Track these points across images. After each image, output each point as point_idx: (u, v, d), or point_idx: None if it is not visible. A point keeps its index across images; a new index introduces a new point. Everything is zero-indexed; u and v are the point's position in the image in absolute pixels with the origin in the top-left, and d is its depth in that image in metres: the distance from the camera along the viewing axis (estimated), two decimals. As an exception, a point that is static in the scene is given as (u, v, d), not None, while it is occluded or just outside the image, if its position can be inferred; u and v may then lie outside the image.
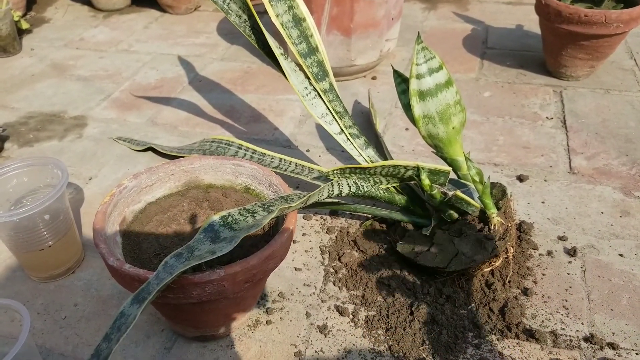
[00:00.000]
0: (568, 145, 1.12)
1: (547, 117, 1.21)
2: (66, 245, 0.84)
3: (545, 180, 1.02)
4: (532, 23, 1.65)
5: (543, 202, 0.96)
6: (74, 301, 0.82)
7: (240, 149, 1.01)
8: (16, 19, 1.67)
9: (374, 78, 1.42)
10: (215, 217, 0.61)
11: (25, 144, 1.21)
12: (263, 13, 1.36)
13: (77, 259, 0.88)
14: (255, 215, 0.62)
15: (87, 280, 0.86)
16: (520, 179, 1.02)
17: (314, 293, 0.82)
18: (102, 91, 1.42)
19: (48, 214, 0.78)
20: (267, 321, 0.77)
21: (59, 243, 0.82)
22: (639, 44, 1.49)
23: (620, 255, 0.85)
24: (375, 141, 1.15)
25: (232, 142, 1.03)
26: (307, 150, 1.15)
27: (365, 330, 0.75)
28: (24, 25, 1.73)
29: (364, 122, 1.23)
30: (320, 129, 1.22)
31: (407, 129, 1.20)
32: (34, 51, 1.67)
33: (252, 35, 0.81)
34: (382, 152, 1.08)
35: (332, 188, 0.70)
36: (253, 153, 1.00)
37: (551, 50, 1.32)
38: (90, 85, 1.45)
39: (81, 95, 1.41)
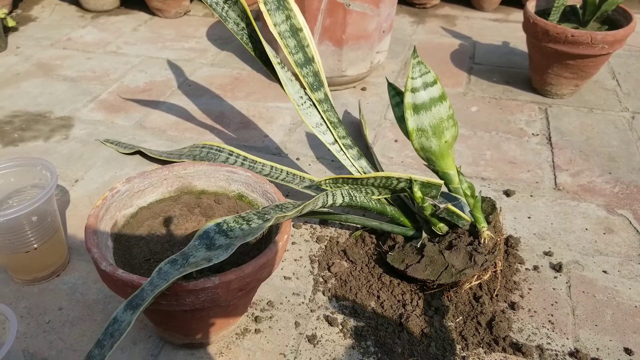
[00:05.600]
0: (553, 161, 1.14)
1: (532, 134, 1.23)
2: (52, 248, 0.83)
3: (531, 196, 1.04)
4: (518, 40, 1.69)
5: (529, 217, 0.98)
6: (58, 305, 0.81)
7: (231, 155, 1.01)
8: (2, 16, 1.64)
9: (363, 89, 1.43)
10: (211, 224, 0.60)
11: (9, 144, 1.19)
12: (255, 18, 1.36)
13: (63, 262, 0.86)
14: (250, 223, 0.62)
15: (72, 284, 0.84)
16: (507, 193, 1.04)
17: (303, 302, 0.81)
18: (89, 92, 1.40)
19: (35, 215, 0.77)
20: (255, 330, 0.77)
21: (45, 246, 0.81)
22: (621, 65, 1.54)
23: (604, 271, 0.87)
24: (365, 152, 1.15)
25: (223, 148, 1.03)
26: (297, 159, 1.15)
27: (354, 341, 0.75)
28: (10, 22, 1.70)
29: (353, 132, 1.24)
30: (310, 138, 1.22)
31: (396, 141, 1.21)
32: (20, 49, 1.64)
33: (250, 44, 0.81)
34: (373, 163, 1.08)
35: (327, 198, 0.70)
36: (244, 160, 1.00)
37: (537, 67, 1.35)
38: (77, 86, 1.43)
39: (68, 95, 1.39)
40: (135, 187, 0.74)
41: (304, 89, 0.86)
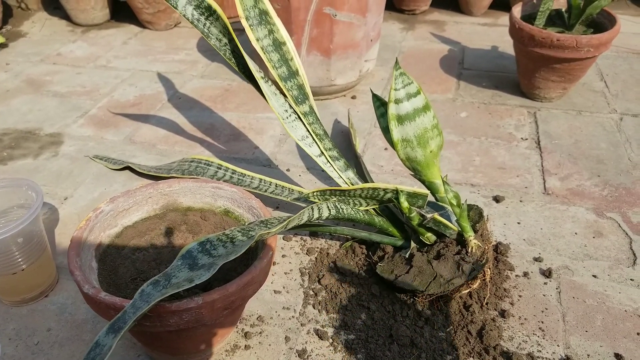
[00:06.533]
0: (542, 166, 1.14)
1: (521, 138, 1.24)
2: (40, 269, 0.82)
3: (520, 201, 1.04)
4: (506, 44, 1.69)
5: (519, 223, 0.98)
6: (47, 326, 0.80)
7: (220, 169, 1.01)
8: (-9, 33, 1.65)
9: (353, 97, 1.43)
10: (194, 244, 0.60)
11: (-2, 162, 1.19)
12: (242, 31, 1.36)
13: (51, 283, 0.86)
14: (234, 240, 0.62)
15: (60, 304, 0.84)
16: (497, 199, 1.04)
17: (293, 316, 0.81)
18: (79, 108, 1.40)
19: (21, 237, 0.77)
20: (245, 346, 0.76)
21: (33, 266, 0.80)
22: (609, 66, 1.54)
23: (594, 276, 0.86)
24: (354, 161, 1.15)
25: (212, 162, 1.03)
26: (287, 170, 1.15)
27: (345, 354, 0.75)
28: (0, 39, 1.70)
29: (343, 142, 1.24)
30: (300, 149, 1.22)
31: (386, 149, 1.21)
32: (10, 66, 1.64)
33: (233, 59, 0.82)
34: (362, 173, 1.08)
35: (312, 212, 0.70)
36: (233, 173, 1.00)
37: (525, 72, 1.35)
38: (67, 102, 1.43)
39: (57, 112, 1.39)
40: (120, 207, 0.74)
41: (289, 102, 0.86)
